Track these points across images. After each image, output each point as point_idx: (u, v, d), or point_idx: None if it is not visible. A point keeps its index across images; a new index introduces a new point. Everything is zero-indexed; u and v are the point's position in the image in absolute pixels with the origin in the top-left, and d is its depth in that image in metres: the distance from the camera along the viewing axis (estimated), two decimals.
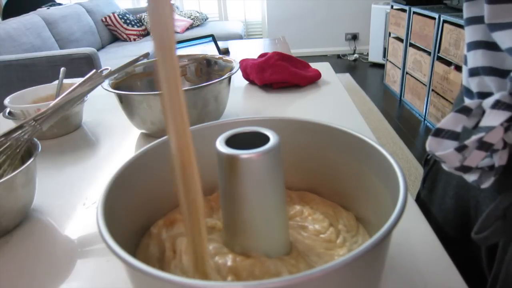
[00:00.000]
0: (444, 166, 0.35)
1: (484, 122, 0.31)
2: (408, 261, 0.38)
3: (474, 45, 0.36)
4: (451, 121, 0.33)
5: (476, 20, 0.35)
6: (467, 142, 0.31)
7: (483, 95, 0.36)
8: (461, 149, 0.31)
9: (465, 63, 0.40)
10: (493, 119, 0.30)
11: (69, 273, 0.40)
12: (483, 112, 0.32)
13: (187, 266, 0.31)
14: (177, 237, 0.34)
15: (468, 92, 0.40)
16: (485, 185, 0.33)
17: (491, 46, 0.34)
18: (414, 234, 0.42)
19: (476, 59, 0.36)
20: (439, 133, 0.33)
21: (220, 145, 0.30)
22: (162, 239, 0.35)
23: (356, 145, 0.37)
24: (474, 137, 0.31)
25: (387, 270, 0.36)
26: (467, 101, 0.35)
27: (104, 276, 0.39)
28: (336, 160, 0.40)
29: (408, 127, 2.54)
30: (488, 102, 0.32)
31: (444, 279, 0.36)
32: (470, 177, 0.35)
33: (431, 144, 0.34)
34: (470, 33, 0.36)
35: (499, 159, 0.32)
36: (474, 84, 0.38)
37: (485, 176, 0.34)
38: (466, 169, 0.33)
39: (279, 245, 0.32)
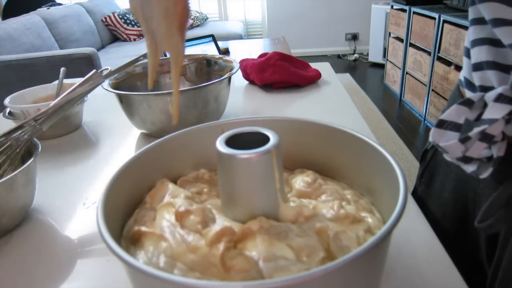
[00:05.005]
0: (446, 156, 0.36)
1: (487, 115, 0.32)
2: (408, 261, 0.38)
3: (480, 42, 0.37)
4: (454, 113, 0.34)
5: (481, 21, 0.37)
6: (470, 133, 0.32)
7: (485, 88, 0.37)
8: (464, 140, 0.32)
9: (468, 56, 0.41)
10: (496, 112, 0.31)
11: (69, 273, 0.40)
12: (484, 104, 0.33)
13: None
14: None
15: (469, 85, 0.41)
16: (484, 175, 0.34)
17: (495, 42, 0.35)
18: (414, 234, 0.42)
19: (480, 54, 0.37)
20: (442, 124, 0.34)
21: (220, 145, 0.30)
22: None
23: (356, 145, 0.37)
24: (477, 129, 0.31)
25: (387, 270, 0.36)
26: (469, 94, 0.36)
27: (104, 276, 0.39)
28: (336, 160, 0.40)
29: (408, 127, 2.54)
30: (490, 95, 0.32)
31: (444, 279, 0.36)
32: (469, 168, 0.36)
33: (435, 135, 0.34)
34: (475, 32, 0.38)
35: (497, 151, 0.33)
36: (476, 78, 0.39)
37: (483, 167, 0.35)
38: (468, 159, 0.34)
39: None
